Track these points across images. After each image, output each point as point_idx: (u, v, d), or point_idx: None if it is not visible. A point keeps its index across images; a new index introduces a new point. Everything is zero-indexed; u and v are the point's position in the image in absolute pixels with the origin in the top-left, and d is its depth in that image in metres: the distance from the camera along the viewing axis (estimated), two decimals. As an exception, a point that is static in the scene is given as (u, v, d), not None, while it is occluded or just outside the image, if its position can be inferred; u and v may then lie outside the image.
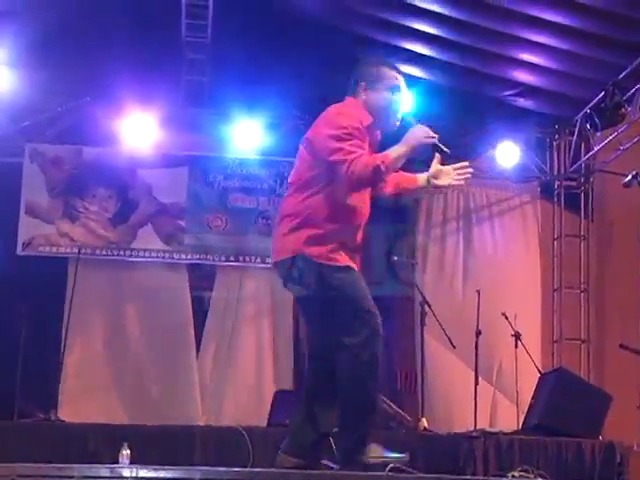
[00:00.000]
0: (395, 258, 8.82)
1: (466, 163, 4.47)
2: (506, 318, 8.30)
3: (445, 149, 4.25)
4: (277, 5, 8.45)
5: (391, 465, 4.09)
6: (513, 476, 4.56)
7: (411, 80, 8.99)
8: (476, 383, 7.97)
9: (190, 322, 9.20)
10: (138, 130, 9.02)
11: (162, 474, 3.60)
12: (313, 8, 8.63)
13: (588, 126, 9.18)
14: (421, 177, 4.50)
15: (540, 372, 8.29)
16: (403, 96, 4.36)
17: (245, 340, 9.28)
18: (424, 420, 7.71)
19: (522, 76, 8.84)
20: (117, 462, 5.78)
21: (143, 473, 3.53)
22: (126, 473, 3.53)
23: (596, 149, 9.28)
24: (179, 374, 9.08)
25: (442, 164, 4.38)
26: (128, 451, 5.87)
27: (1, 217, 8.96)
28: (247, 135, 9.22)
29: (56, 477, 3.43)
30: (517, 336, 8.29)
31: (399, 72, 4.42)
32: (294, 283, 4.25)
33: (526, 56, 8.50)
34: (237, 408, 8.98)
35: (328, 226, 4.19)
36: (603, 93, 8.45)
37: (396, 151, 4.16)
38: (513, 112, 9.39)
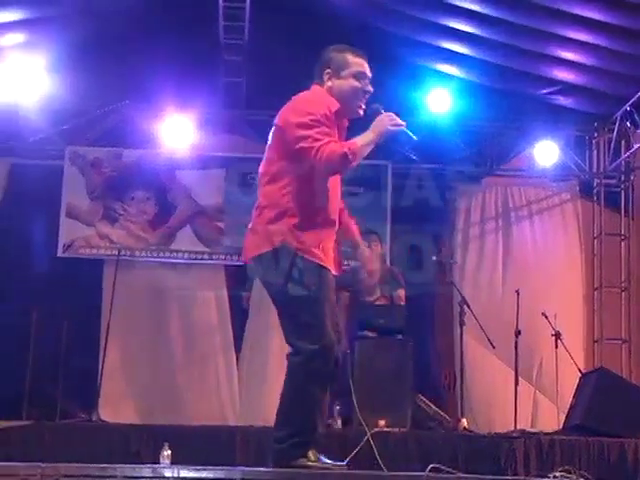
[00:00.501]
0: (434, 258, 8.80)
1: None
2: (546, 318, 8.24)
3: (412, 136, 4.19)
4: (314, 5, 8.45)
5: (431, 465, 4.06)
6: (555, 476, 4.51)
7: (449, 79, 9.06)
8: (516, 383, 7.93)
9: (228, 323, 9.24)
10: (176, 132, 9.07)
11: (203, 474, 3.60)
12: (350, 8, 8.62)
13: (628, 123, 9.11)
14: (360, 242, 4.60)
15: (581, 372, 8.21)
16: (367, 82, 4.25)
17: (283, 341, 9.26)
18: (464, 420, 7.68)
19: (561, 74, 8.77)
20: (158, 462, 5.82)
21: (184, 473, 3.54)
22: (168, 473, 3.53)
23: (636, 147, 9.19)
24: (218, 374, 9.11)
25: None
26: (169, 451, 5.91)
27: (42, 219, 9.06)
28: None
29: (99, 477, 3.45)
30: (557, 336, 8.23)
31: (364, 59, 4.31)
32: (275, 276, 4.07)
33: (565, 54, 8.43)
34: (275, 408, 8.97)
35: (308, 215, 4.08)
36: (643, 90, 8.38)
37: (364, 138, 4.08)
38: (552, 110, 9.33)
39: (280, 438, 4.09)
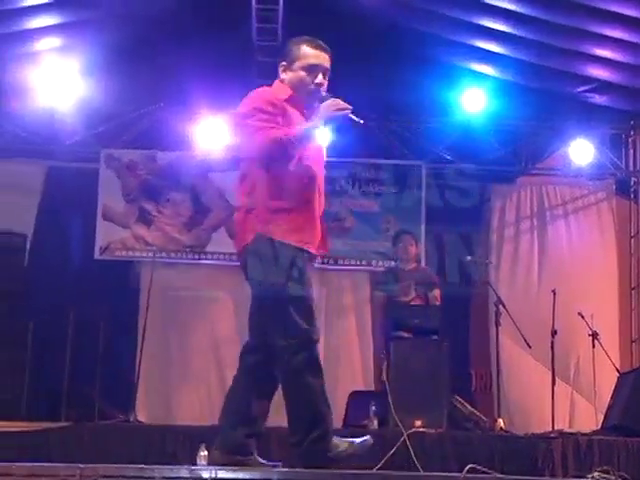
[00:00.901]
0: (469, 258, 8.78)
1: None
2: (582, 317, 8.18)
3: (358, 120, 4.19)
4: (347, 7, 8.45)
5: (469, 466, 4.05)
6: (593, 477, 4.47)
7: (484, 78, 9.02)
8: (553, 383, 7.87)
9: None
10: (210, 134, 9.10)
11: (240, 475, 3.61)
12: (384, 8, 8.61)
13: (665, 121, 9.03)
14: None
15: (618, 372, 8.16)
16: (318, 75, 4.23)
17: (322, 341, 9.28)
18: (500, 421, 7.62)
19: (596, 72, 8.70)
20: (195, 463, 5.84)
21: (222, 474, 3.55)
22: (205, 474, 3.54)
23: (673, 144, 9.12)
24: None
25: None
26: (206, 452, 5.91)
27: (79, 222, 9.14)
28: (318, 136, 9.22)
29: (137, 478, 3.47)
30: (594, 336, 8.17)
31: (322, 50, 4.30)
32: (253, 266, 4.11)
33: (600, 51, 8.37)
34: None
35: (278, 203, 4.07)
36: (680, 87, 8.31)
37: (307, 124, 4.12)
38: (587, 109, 9.28)
39: (297, 442, 4.10)
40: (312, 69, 4.23)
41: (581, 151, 9.50)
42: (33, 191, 9.29)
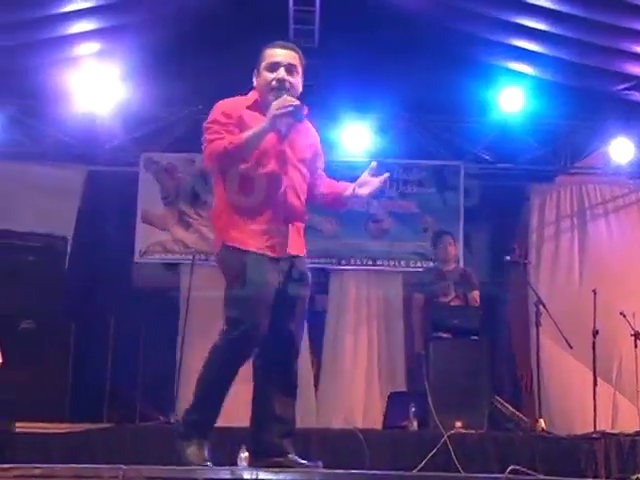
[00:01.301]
0: (508, 258, 8.72)
1: (386, 175, 4.40)
2: (624, 317, 8.11)
3: (300, 116, 4.14)
4: (384, 7, 8.45)
5: (511, 467, 4.03)
6: (638, 478, 4.44)
7: (522, 77, 8.97)
8: (595, 384, 7.81)
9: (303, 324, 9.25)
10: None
11: (281, 476, 3.62)
12: (421, 8, 8.59)
13: None
14: (350, 186, 4.47)
15: (662, 372, 8.08)
16: (281, 71, 4.28)
17: (359, 342, 9.30)
18: (542, 421, 7.57)
19: (636, 69, 8.61)
20: (235, 464, 5.85)
21: (263, 475, 3.56)
22: (247, 475, 3.56)
23: None
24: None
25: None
26: (246, 453, 5.93)
27: (119, 225, 9.21)
28: (356, 138, 9.25)
29: (180, 479, 3.49)
30: (637, 336, 8.09)
31: (280, 47, 4.38)
32: (223, 274, 4.21)
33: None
34: (351, 410, 8.99)
35: (234, 209, 4.19)
36: None
37: (253, 129, 4.14)
38: (627, 106, 9.18)
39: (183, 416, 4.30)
40: (273, 67, 4.31)
41: (621, 149, 9.42)
42: (73, 195, 9.37)
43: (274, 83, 4.26)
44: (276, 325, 4.16)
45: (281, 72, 4.28)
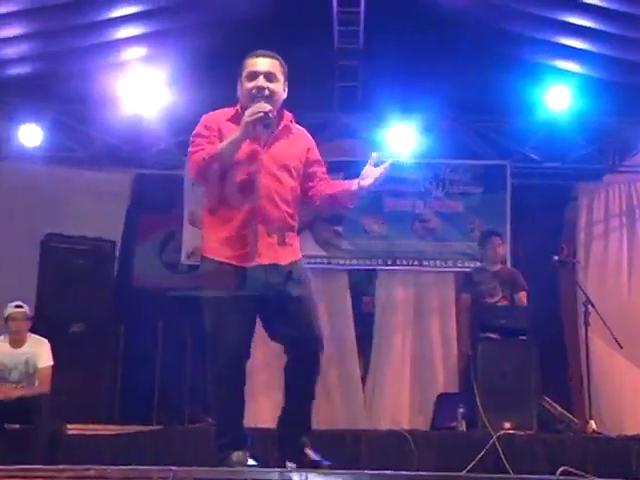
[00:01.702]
0: (556, 258, 8.64)
1: (389, 162, 4.39)
2: (675, 316, 8.03)
3: (269, 121, 4.17)
4: (428, 8, 8.42)
5: (562, 468, 4.00)
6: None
7: (569, 76, 8.89)
8: (646, 384, 7.74)
9: (351, 326, 9.27)
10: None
11: (331, 478, 3.62)
12: (465, 8, 8.56)
13: None
14: (355, 181, 4.46)
15: None
16: (259, 79, 4.34)
17: (406, 343, 9.27)
18: (592, 422, 7.51)
19: (685, 65, 8.52)
20: (284, 466, 5.86)
21: (312, 477, 3.57)
22: (296, 477, 3.56)
23: None
24: (342, 377, 9.15)
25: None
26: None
27: (166, 228, 9.28)
28: (401, 138, 9.23)
29: (229, 480, 3.51)
30: (688, 334, 8.01)
31: (258, 56, 4.46)
32: None
33: (689, 44, 8.19)
34: (398, 411, 8.98)
35: (209, 220, 4.32)
36: None
37: (228, 138, 4.22)
38: (677, 103, 9.08)
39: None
40: (252, 76, 4.38)
41: (671, 147, 9.32)
42: (121, 198, 9.47)
43: (254, 91, 4.32)
44: (274, 332, 4.35)
45: (260, 80, 4.34)
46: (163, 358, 8.19)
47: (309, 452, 4.29)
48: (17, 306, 7.23)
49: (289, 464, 4.28)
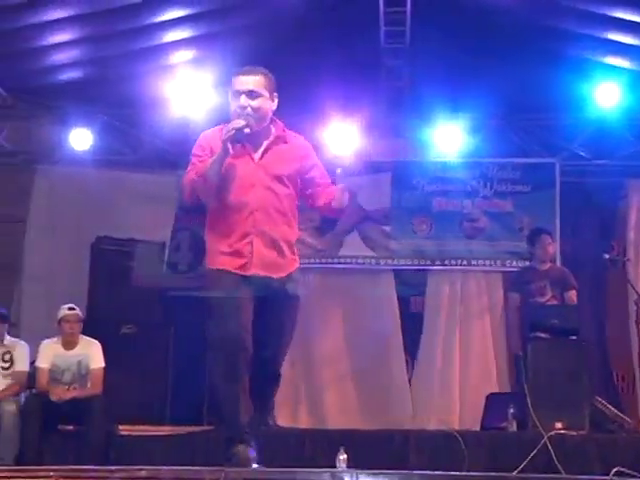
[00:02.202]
0: (606, 256, 8.57)
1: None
2: None
3: (239, 139, 4.36)
4: (474, 7, 8.38)
5: (615, 469, 3.97)
6: None
7: (618, 72, 8.79)
8: (699, 383, 7.64)
9: (398, 326, 9.26)
10: (341, 138, 9.14)
11: (381, 478, 3.63)
12: (512, 6, 8.49)
13: None
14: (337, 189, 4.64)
15: None
16: (242, 97, 4.50)
17: (456, 343, 9.24)
18: (645, 422, 7.45)
19: None
20: (334, 467, 5.89)
21: (363, 477, 3.58)
22: (347, 477, 3.58)
23: None
24: (390, 378, 9.14)
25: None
26: (345, 455, 5.97)
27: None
28: (449, 138, 9.20)
29: (278, 481, 3.53)
30: None
31: (242, 74, 4.60)
32: None
33: None
34: (447, 411, 8.95)
35: (211, 238, 4.50)
36: None
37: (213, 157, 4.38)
38: None
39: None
40: (236, 95, 4.55)
41: None
42: (169, 201, 9.52)
43: (238, 110, 4.49)
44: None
45: (242, 99, 4.49)
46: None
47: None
48: (70, 308, 7.33)
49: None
